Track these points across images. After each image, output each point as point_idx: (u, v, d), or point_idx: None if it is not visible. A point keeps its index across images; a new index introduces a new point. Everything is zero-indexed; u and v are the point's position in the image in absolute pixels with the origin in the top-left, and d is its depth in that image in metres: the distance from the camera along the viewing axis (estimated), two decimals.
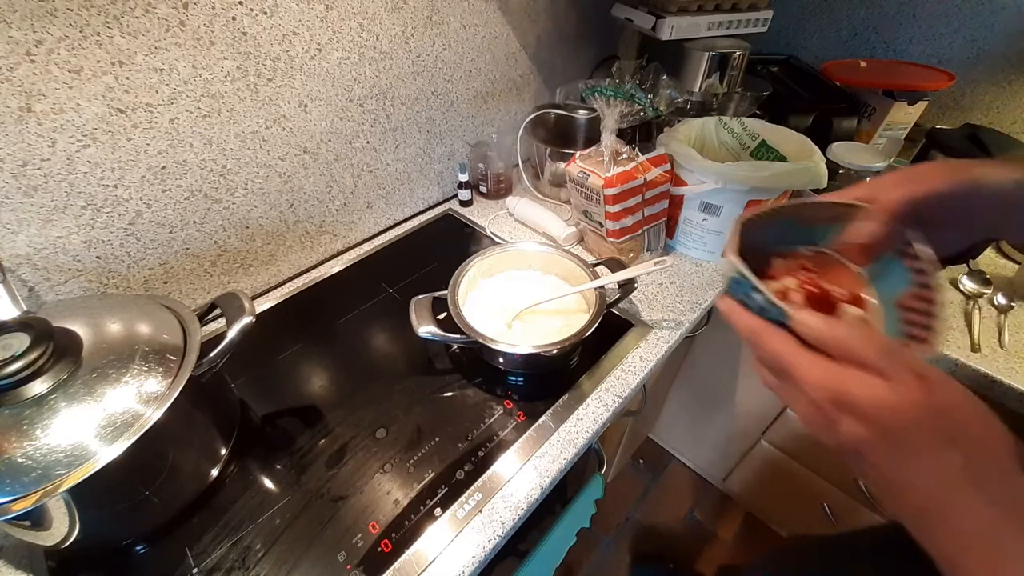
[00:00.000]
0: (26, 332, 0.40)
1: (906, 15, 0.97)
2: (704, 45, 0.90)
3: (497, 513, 0.51)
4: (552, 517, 0.68)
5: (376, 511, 0.51)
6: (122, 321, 0.48)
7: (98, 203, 0.56)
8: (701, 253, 0.82)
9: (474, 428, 0.58)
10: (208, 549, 0.48)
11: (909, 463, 0.25)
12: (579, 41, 1.03)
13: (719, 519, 1.29)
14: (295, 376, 0.65)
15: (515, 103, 1.00)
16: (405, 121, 0.82)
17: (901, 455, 0.25)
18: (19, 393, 0.39)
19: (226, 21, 0.56)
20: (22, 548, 0.49)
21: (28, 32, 0.45)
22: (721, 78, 0.92)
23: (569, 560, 1.02)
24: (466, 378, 0.64)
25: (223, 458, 0.54)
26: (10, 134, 0.47)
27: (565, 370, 0.64)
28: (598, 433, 0.59)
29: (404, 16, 0.72)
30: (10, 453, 0.37)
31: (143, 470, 0.45)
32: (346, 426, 0.58)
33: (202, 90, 0.57)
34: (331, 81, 0.69)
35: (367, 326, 0.72)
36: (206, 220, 0.65)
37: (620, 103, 0.72)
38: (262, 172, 0.68)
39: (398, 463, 0.55)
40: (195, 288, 0.69)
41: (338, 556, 0.47)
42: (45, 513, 0.41)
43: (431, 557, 0.47)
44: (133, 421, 0.41)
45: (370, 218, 0.87)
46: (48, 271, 0.56)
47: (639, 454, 1.41)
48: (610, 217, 0.73)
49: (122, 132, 0.54)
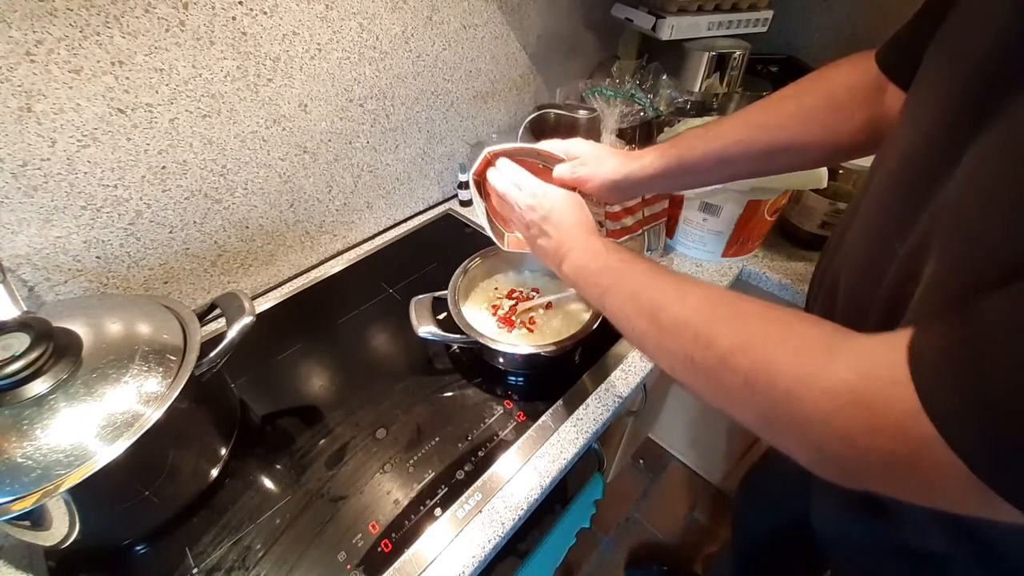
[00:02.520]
0: (26, 332, 0.40)
1: (907, 15, 0.97)
2: (704, 45, 0.90)
3: (497, 513, 0.51)
4: (552, 517, 0.68)
5: (376, 511, 0.51)
6: (122, 321, 0.48)
7: (98, 203, 0.56)
8: (701, 253, 0.82)
9: (474, 428, 0.58)
10: (208, 549, 0.48)
11: (538, 245, 0.49)
12: (579, 41, 1.03)
13: (719, 519, 1.29)
14: (295, 376, 0.65)
15: (515, 103, 1.00)
16: (405, 121, 0.82)
17: (536, 234, 0.49)
18: (19, 393, 0.39)
19: (226, 21, 0.56)
20: (22, 548, 0.49)
21: (28, 32, 0.45)
22: (721, 78, 0.92)
23: (569, 560, 1.02)
24: (466, 378, 0.64)
25: (223, 458, 0.54)
26: (10, 134, 0.47)
27: (565, 370, 0.64)
28: (598, 433, 0.59)
29: (404, 16, 0.72)
30: (10, 453, 0.37)
31: (143, 470, 0.45)
32: (346, 426, 0.58)
33: (202, 90, 0.57)
34: (331, 81, 0.69)
35: (367, 326, 0.72)
36: (206, 220, 0.65)
37: (620, 103, 0.72)
38: (262, 172, 0.68)
39: (398, 463, 0.55)
40: (195, 288, 0.69)
41: (338, 556, 0.47)
42: (45, 513, 0.41)
43: (431, 557, 0.47)
44: (133, 421, 0.41)
45: (370, 218, 0.87)
46: (48, 271, 0.56)
47: (639, 454, 1.41)
48: (610, 217, 0.73)
49: (122, 132, 0.54)
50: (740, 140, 0.49)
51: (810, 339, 0.27)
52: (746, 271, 0.82)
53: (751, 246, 0.81)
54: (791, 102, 0.48)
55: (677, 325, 0.33)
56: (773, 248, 0.84)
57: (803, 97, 0.48)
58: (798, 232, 0.83)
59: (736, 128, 0.49)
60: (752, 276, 0.82)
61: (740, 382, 0.28)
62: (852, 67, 0.46)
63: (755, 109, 0.49)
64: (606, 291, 0.40)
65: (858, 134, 0.46)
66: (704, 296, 0.33)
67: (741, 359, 0.28)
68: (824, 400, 0.24)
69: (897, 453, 0.22)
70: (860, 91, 0.45)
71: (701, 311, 0.32)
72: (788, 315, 0.29)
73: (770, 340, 0.28)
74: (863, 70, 0.45)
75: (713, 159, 0.50)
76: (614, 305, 0.39)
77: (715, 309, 0.32)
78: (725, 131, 0.49)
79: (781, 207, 0.77)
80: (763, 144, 0.48)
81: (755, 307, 0.31)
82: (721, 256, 0.81)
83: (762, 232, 0.79)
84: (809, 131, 0.47)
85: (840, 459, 0.25)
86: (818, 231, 0.80)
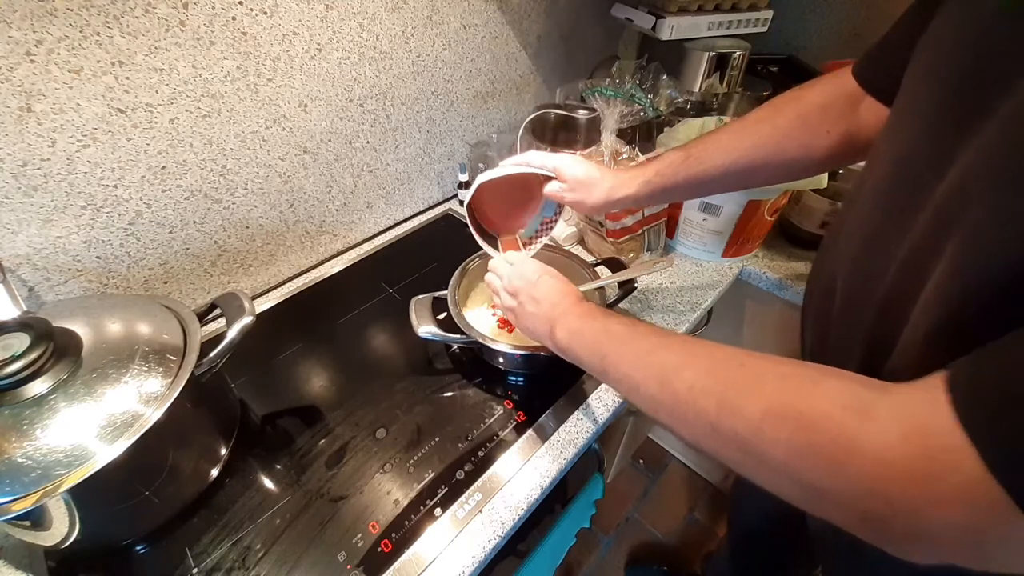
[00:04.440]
0: (26, 332, 0.40)
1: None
2: (704, 45, 0.90)
3: (497, 513, 0.51)
4: (552, 517, 0.68)
5: (376, 511, 0.51)
6: (122, 321, 0.48)
7: (98, 203, 0.56)
8: (701, 253, 0.82)
9: (474, 428, 0.58)
10: (208, 549, 0.48)
11: (527, 316, 0.49)
12: (579, 41, 1.03)
13: (719, 519, 1.29)
14: (295, 376, 0.65)
15: (515, 103, 1.00)
16: (405, 121, 0.82)
17: (522, 311, 0.49)
18: (19, 393, 0.39)
19: (226, 21, 0.56)
20: (22, 548, 0.48)
21: (28, 32, 0.45)
22: (721, 78, 0.92)
23: (569, 560, 1.02)
24: (466, 378, 0.64)
25: (223, 458, 0.54)
26: (10, 134, 0.47)
27: (565, 370, 0.64)
28: (598, 433, 0.59)
29: (404, 16, 0.72)
30: (10, 453, 0.37)
31: (143, 470, 0.45)
32: (346, 426, 0.58)
33: (202, 90, 0.57)
34: (331, 81, 0.69)
35: (367, 326, 0.72)
36: (206, 220, 0.65)
37: (620, 103, 0.72)
38: (262, 172, 0.68)
39: (398, 463, 0.55)
40: (195, 288, 0.69)
41: (338, 556, 0.47)
42: (45, 513, 0.41)
43: (431, 557, 0.47)
44: (133, 421, 0.41)
45: (370, 218, 0.87)
46: (48, 271, 0.55)
47: (639, 454, 1.41)
48: (610, 217, 0.73)
49: (122, 132, 0.54)
50: (719, 165, 0.52)
51: (841, 401, 0.25)
52: (746, 271, 0.82)
53: (751, 246, 0.81)
54: (766, 124, 0.50)
55: (694, 392, 0.31)
56: (773, 248, 0.84)
57: (777, 119, 0.50)
58: (798, 232, 0.83)
59: (714, 153, 0.52)
60: (752, 276, 0.82)
61: (781, 453, 0.26)
62: (823, 86, 0.49)
63: (732, 131, 0.52)
64: (606, 358, 0.39)
65: (835, 148, 0.48)
66: (714, 357, 0.32)
67: (778, 428, 0.26)
68: (874, 470, 0.23)
69: (963, 524, 0.21)
70: (833, 108, 0.47)
71: (717, 375, 0.31)
72: (805, 371, 0.28)
73: (801, 402, 0.26)
74: (835, 86, 0.48)
75: (695, 183, 0.53)
76: (618, 373, 0.37)
77: (730, 371, 0.30)
78: (705, 155, 0.52)
79: (781, 207, 0.77)
80: (742, 165, 0.51)
81: (768, 365, 0.29)
82: (721, 256, 0.81)
83: (762, 232, 0.79)
84: (784, 150, 0.49)
85: (895, 531, 0.23)
86: (818, 231, 0.80)
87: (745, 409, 0.28)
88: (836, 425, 0.24)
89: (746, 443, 0.28)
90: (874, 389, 0.25)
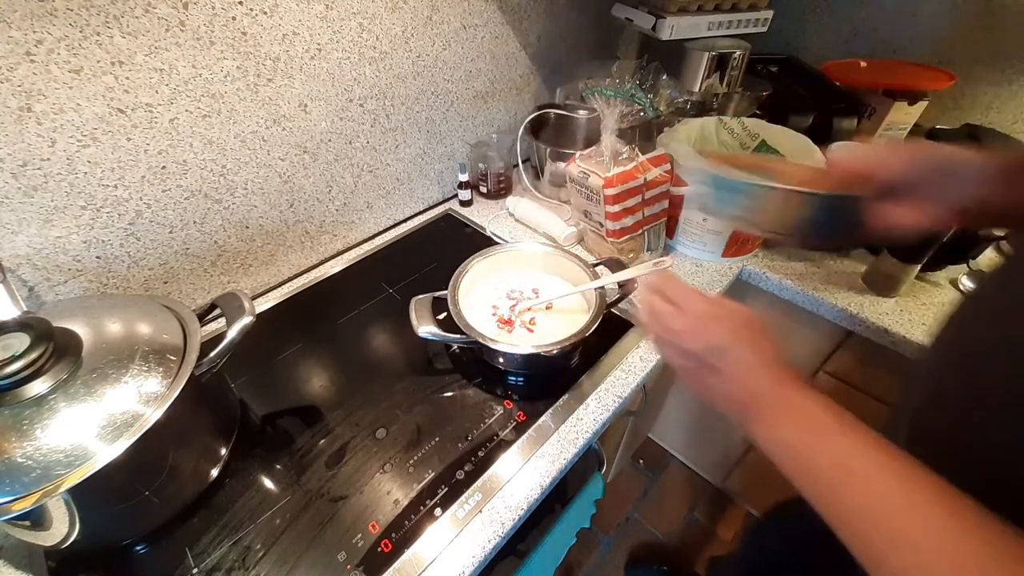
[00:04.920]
0: (26, 332, 0.40)
1: (906, 15, 0.97)
2: (704, 45, 0.90)
3: (497, 513, 0.51)
4: (552, 517, 0.68)
5: (376, 511, 0.51)
6: (122, 321, 0.48)
7: (98, 203, 0.56)
8: (701, 253, 0.82)
9: (474, 428, 0.58)
10: (208, 549, 0.48)
11: (704, 387, 0.38)
12: (579, 41, 1.03)
13: (719, 519, 1.29)
14: (295, 376, 0.65)
15: (515, 103, 1.00)
16: (405, 121, 0.82)
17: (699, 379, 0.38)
18: (19, 393, 0.39)
19: (226, 21, 0.56)
20: (22, 548, 0.48)
21: (28, 32, 0.45)
22: (721, 78, 0.92)
23: (569, 560, 1.02)
24: (466, 378, 0.64)
25: (223, 458, 0.54)
26: (10, 134, 0.47)
27: (565, 370, 0.64)
28: (598, 433, 0.59)
29: (404, 16, 0.72)
30: (10, 453, 0.37)
31: (143, 470, 0.45)
32: (346, 426, 0.58)
33: (202, 90, 0.57)
34: (331, 81, 0.69)
35: (367, 326, 0.72)
36: (206, 220, 0.65)
37: (620, 103, 0.72)
38: (262, 172, 0.68)
39: (398, 463, 0.55)
40: (195, 288, 0.69)
41: (338, 556, 0.47)
42: (45, 513, 0.41)
43: (431, 557, 0.47)
44: (133, 421, 0.41)
45: (370, 218, 0.87)
46: (48, 271, 0.55)
47: (639, 454, 1.41)
48: (610, 217, 0.73)
49: (122, 132, 0.54)
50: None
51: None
52: (746, 271, 0.82)
53: (751, 246, 0.81)
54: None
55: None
56: (773, 248, 0.84)
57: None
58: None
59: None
60: (752, 276, 0.82)
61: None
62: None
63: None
64: (838, 485, 0.30)
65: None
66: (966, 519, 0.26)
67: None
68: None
69: None
70: None
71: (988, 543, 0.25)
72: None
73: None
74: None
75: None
76: (853, 504, 0.29)
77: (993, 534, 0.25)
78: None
79: None
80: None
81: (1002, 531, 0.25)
82: (721, 256, 0.81)
83: None
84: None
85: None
86: None
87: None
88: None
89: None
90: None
